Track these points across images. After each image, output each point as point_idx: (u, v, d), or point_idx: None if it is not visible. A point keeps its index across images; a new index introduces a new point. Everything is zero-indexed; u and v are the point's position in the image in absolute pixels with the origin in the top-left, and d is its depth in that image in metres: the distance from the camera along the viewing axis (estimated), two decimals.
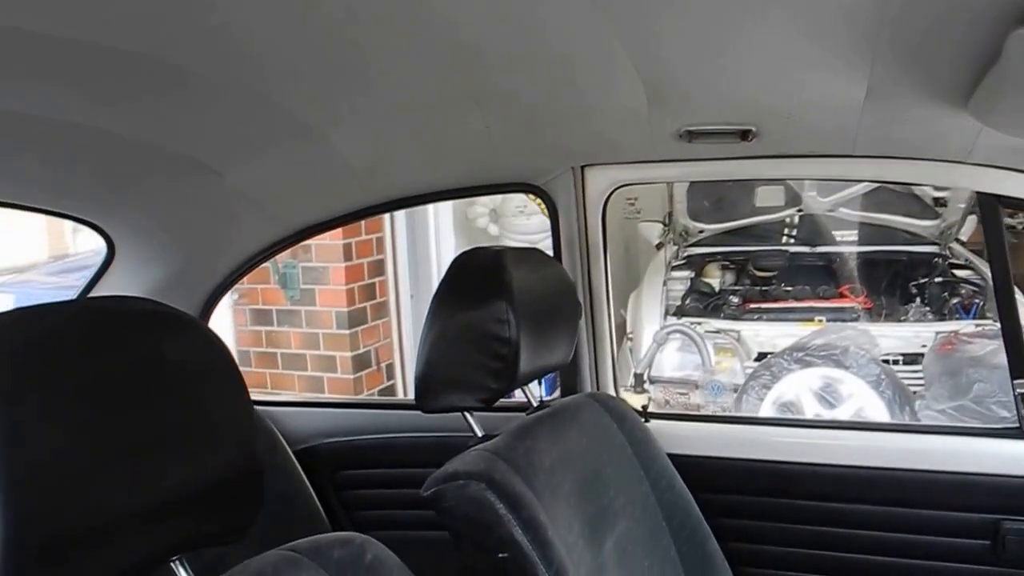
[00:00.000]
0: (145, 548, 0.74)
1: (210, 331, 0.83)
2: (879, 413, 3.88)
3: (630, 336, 4.76)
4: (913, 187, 4.42)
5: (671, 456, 1.69)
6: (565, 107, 1.47)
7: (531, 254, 1.56)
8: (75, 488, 0.66)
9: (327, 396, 3.92)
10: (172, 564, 0.84)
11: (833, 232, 4.92)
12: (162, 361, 0.76)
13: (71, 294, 5.08)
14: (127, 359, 0.74)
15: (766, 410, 4.10)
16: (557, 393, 2.01)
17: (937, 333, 4.17)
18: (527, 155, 1.77)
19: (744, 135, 1.51)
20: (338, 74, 1.25)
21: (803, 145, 1.62)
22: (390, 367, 4.42)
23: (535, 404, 1.60)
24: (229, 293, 2.31)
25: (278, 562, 0.90)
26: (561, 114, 1.52)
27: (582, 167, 1.81)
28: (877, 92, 1.24)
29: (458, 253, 1.51)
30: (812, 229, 4.95)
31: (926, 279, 4.58)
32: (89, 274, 1.95)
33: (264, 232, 1.99)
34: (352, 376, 4.14)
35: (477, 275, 1.43)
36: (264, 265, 2.31)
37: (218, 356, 0.82)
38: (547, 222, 1.90)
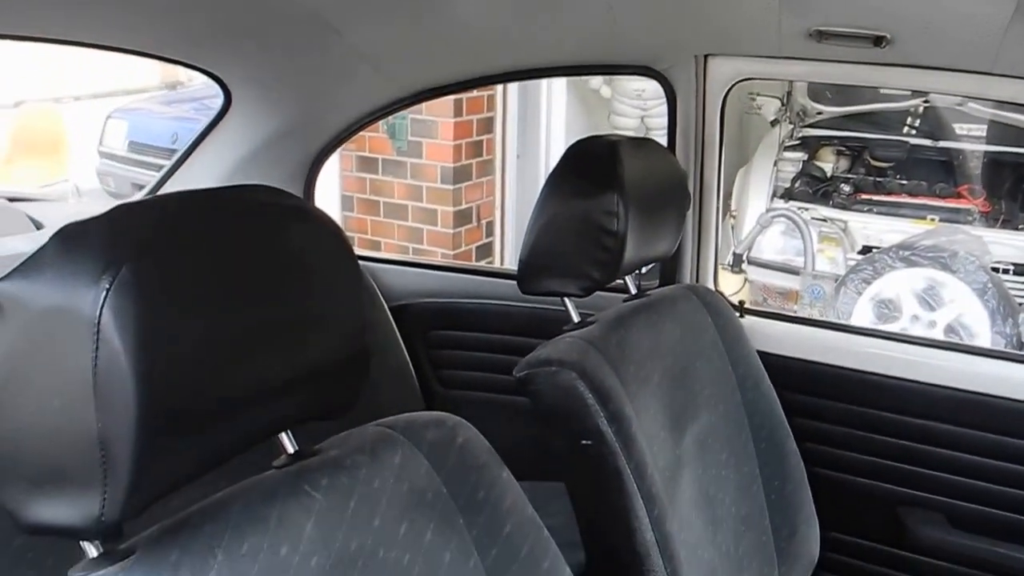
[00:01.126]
0: (259, 423, 0.80)
1: (332, 222, 0.86)
2: (980, 322, 3.78)
3: (733, 214, 4.68)
4: None
5: (761, 354, 1.70)
6: None
7: (645, 144, 1.55)
8: (199, 368, 0.71)
9: (426, 258, 3.99)
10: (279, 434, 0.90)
11: (959, 127, 4.68)
12: (284, 250, 0.79)
13: (184, 125, 5.21)
14: (251, 247, 0.77)
15: (863, 305, 4.04)
16: None
17: None
18: (649, 38, 1.72)
19: (877, 41, 1.43)
20: None
21: (938, 58, 1.54)
22: (490, 225, 4.46)
23: (633, 291, 1.61)
24: None
25: (375, 439, 0.95)
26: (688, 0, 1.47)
27: (705, 56, 1.75)
28: None
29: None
30: (937, 122, 4.71)
31: None
32: (201, 109, 2.00)
33: (378, 92, 2.00)
34: (452, 231, 4.20)
35: (589, 164, 1.43)
36: None
37: (338, 247, 0.85)
38: (661, 89, 1.85)
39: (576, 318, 1.46)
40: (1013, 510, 1.69)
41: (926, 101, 4.60)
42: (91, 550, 0.74)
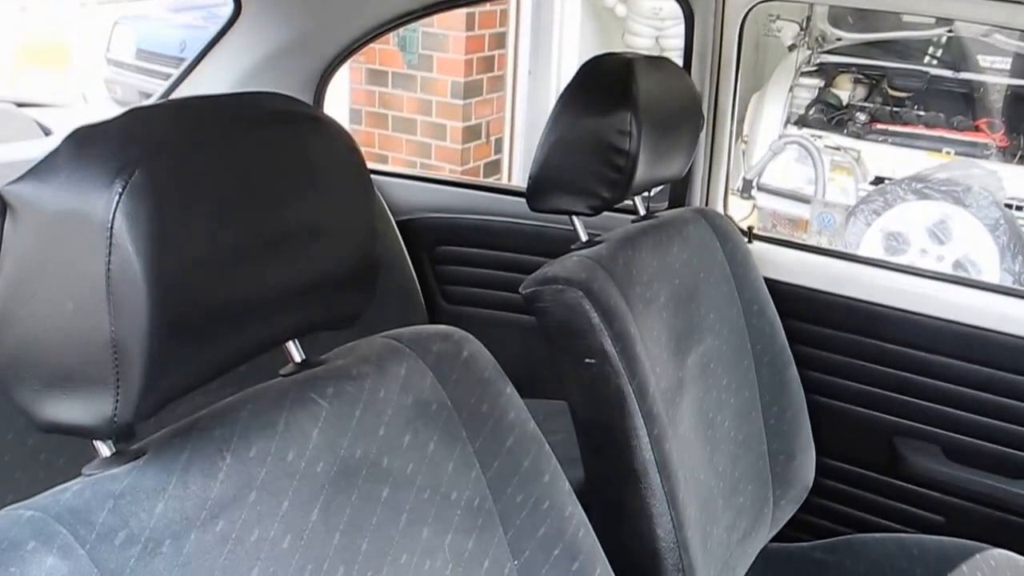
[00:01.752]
0: (267, 331, 0.80)
1: (346, 132, 0.85)
2: (989, 258, 3.77)
3: (745, 139, 4.64)
4: None
5: (767, 281, 1.70)
6: None
7: (661, 63, 1.52)
8: (211, 272, 0.71)
9: (434, 173, 3.97)
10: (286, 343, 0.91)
11: (983, 59, 4.59)
12: (298, 158, 0.79)
13: (193, 33, 5.13)
14: (265, 154, 0.76)
15: (872, 237, 4.02)
16: None
17: None
18: None
19: None
20: None
21: None
22: (499, 141, 4.43)
23: (642, 212, 1.60)
24: None
25: (382, 350, 0.95)
26: None
27: None
28: None
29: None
30: (959, 52, 4.62)
31: None
32: (210, 18, 1.98)
33: (389, 3, 1.96)
34: (460, 146, 4.18)
35: (604, 82, 1.41)
36: None
37: (351, 158, 0.84)
38: (678, 9, 1.82)
39: (584, 237, 1.46)
40: (1008, 444, 1.71)
41: (950, 30, 4.51)
42: (104, 450, 0.75)
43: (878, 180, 4.28)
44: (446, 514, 0.93)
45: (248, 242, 0.74)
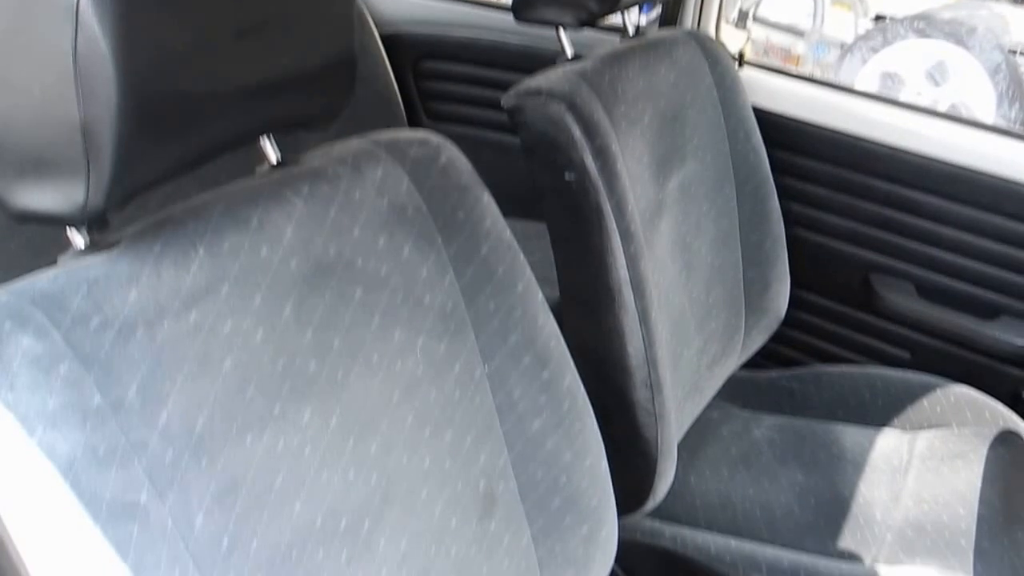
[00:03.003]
0: (241, 123, 0.78)
1: None
2: (986, 103, 3.72)
3: None
4: None
5: (756, 109, 1.67)
6: None
7: None
8: (182, 57, 0.69)
9: None
10: (261, 141, 0.89)
11: None
12: None
13: None
14: None
15: (867, 74, 3.95)
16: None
17: None
18: None
19: None
20: None
21: None
22: None
23: (631, 32, 1.56)
24: None
25: (358, 152, 0.94)
26: None
27: None
28: None
29: None
30: None
31: None
32: None
33: None
34: None
35: None
36: None
37: None
38: None
39: (570, 53, 1.42)
40: (982, 285, 1.73)
41: None
42: (78, 240, 0.76)
43: (879, 18, 4.17)
44: (419, 317, 0.94)
45: (220, 28, 0.72)
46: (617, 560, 1.15)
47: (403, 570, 0.89)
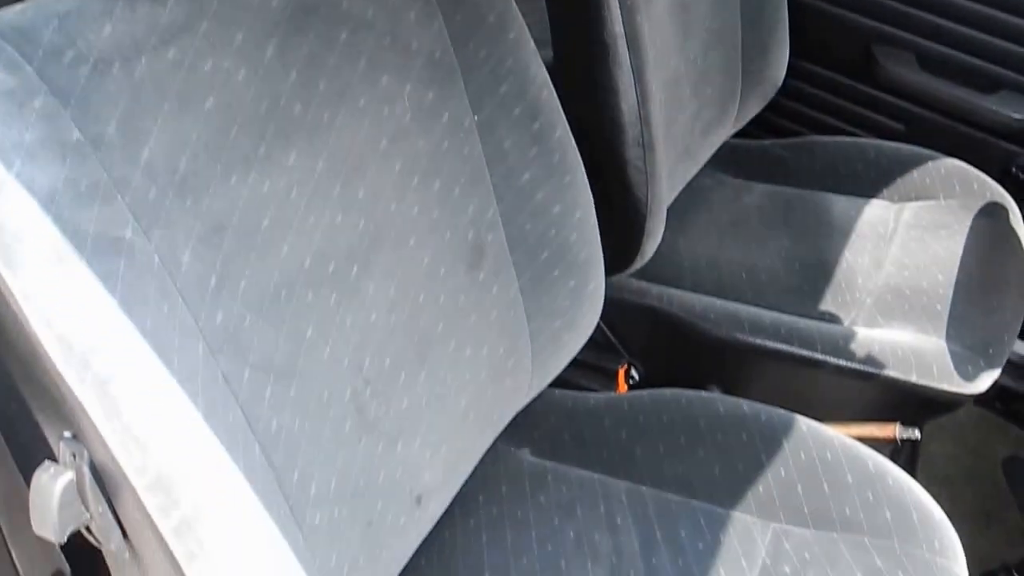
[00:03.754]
0: None
1: None
2: None
3: None
4: None
5: None
6: None
7: None
8: None
9: None
10: None
11: None
12: None
13: None
14: None
15: None
16: None
17: None
18: None
19: None
20: None
21: None
22: None
23: None
24: None
25: None
26: None
27: None
28: None
29: None
30: None
31: None
32: None
33: None
34: None
35: None
36: None
37: None
38: None
39: None
40: (984, 57, 1.69)
41: None
42: None
43: None
44: (406, 63, 0.91)
45: None
46: (603, 317, 1.17)
47: (392, 315, 0.91)
